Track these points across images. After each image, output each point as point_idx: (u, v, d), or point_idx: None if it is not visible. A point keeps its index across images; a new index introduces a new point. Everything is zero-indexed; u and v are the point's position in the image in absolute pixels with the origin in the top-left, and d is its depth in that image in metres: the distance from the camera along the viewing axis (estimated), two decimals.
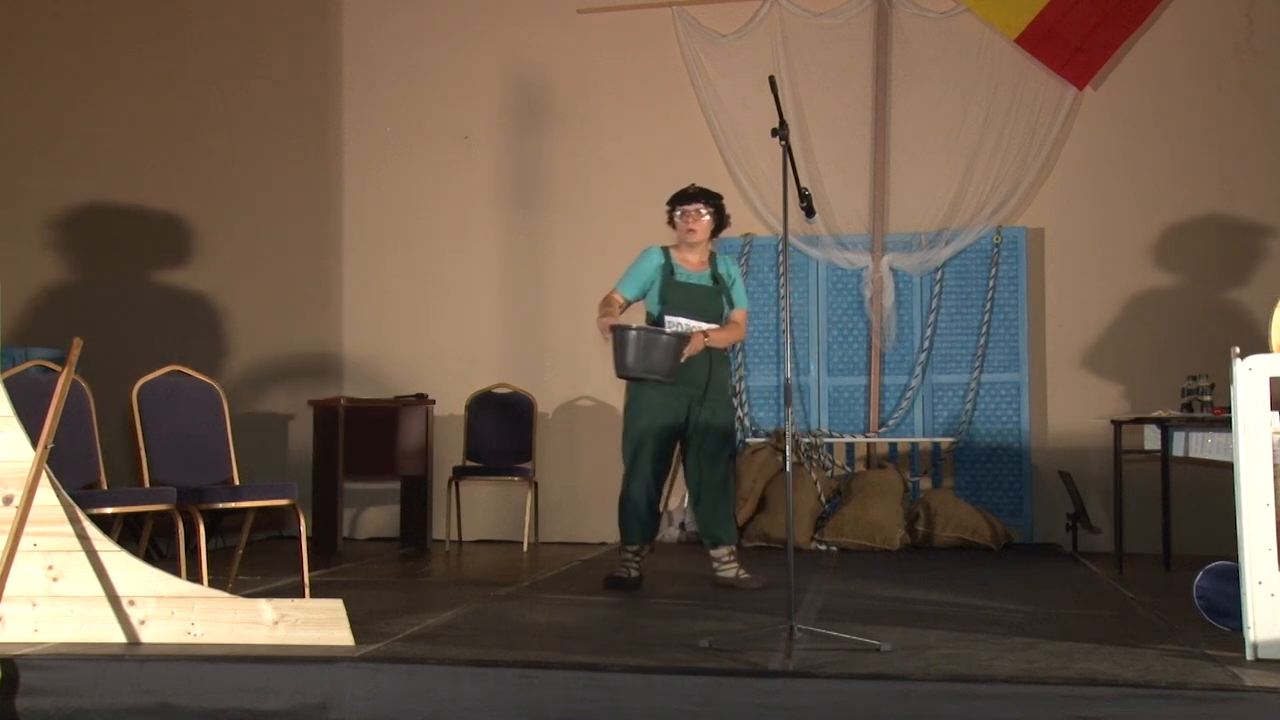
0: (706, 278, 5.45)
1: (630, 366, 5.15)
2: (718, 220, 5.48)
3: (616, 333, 5.15)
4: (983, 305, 7.36)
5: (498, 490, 7.69)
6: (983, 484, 7.32)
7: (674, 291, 5.41)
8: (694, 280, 5.44)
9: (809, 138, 7.48)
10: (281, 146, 8.12)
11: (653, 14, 7.74)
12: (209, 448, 5.20)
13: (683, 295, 5.40)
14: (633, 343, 5.12)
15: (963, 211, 7.38)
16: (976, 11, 7.35)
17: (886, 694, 3.41)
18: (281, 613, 3.96)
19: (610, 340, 5.18)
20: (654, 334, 5.17)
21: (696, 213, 5.40)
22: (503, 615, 4.69)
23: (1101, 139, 7.32)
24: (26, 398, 4.23)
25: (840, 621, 4.31)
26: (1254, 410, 3.72)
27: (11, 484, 4.03)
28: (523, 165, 7.93)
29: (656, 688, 3.50)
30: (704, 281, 5.44)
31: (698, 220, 5.40)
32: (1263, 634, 3.67)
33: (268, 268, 8.08)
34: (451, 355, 7.79)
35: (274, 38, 8.20)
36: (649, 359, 5.13)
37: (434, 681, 3.59)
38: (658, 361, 5.13)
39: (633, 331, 5.13)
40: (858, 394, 7.51)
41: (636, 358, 5.12)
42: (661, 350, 5.13)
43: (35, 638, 4.00)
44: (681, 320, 5.34)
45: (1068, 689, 3.35)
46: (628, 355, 5.13)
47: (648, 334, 5.15)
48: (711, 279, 5.45)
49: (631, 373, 5.20)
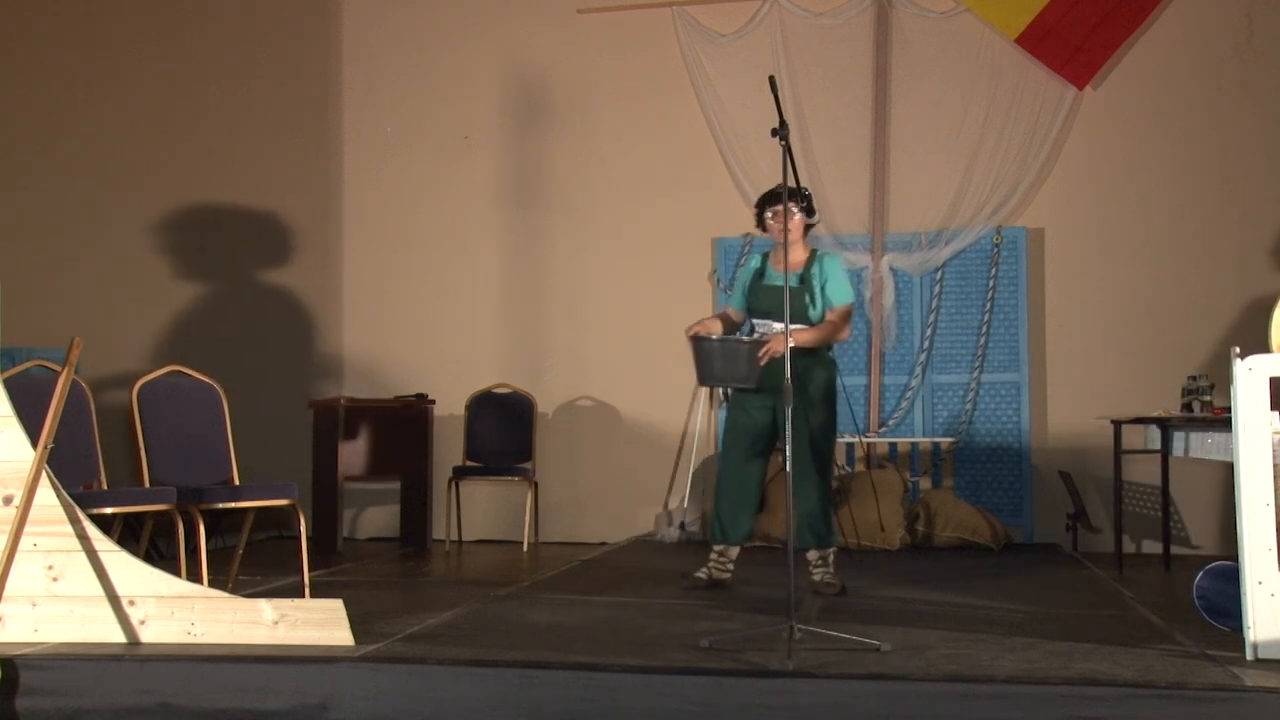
0: (794, 278, 5.25)
1: (712, 375, 5.21)
2: (808, 216, 5.36)
3: (695, 343, 5.19)
4: (983, 305, 7.36)
5: (498, 490, 7.69)
6: (983, 484, 7.32)
7: (757, 295, 5.37)
8: (779, 281, 5.24)
9: (809, 138, 7.48)
10: (281, 146, 8.12)
11: (653, 14, 7.73)
12: (209, 448, 5.20)
13: (765, 297, 5.32)
14: (711, 352, 5.16)
15: (963, 211, 7.38)
16: (976, 11, 7.35)
17: (886, 694, 3.41)
18: (281, 613, 3.96)
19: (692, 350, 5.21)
20: (731, 342, 5.20)
21: (789, 212, 5.19)
22: (503, 615, 4.68)
23: (1101, 139, 7.31)
24: (26, 398, 4.23)
25: (840, 621, 4.31)
26: (1254, 410, 3.72)
27: (11, 484, 4.03)
28: (523, 165, 7.93)
29: (656, 688, 3.49)
30: (790, 282, 5.20)
31: (791, 219, 5.22)
32: (1263, 634, 3.67)
33: (268, 268, 8.07)
34: (451, 355, 7.79)
35: (274, 38, 8.20)
36: (728, 367, 5.15)
37: (434, 681, 3.59)
38: (736, 368, 5.14)
39: (710, 341, 5.17)
40: (858, 394, 7.50)
41: (717, 366, 5.16)
42: (739, 357, 5.14)
43: (35, 638, 4.00)
44: (766, 324, 5.29)
45: (1068, 689, 3.35)
46: (708, 364, 5.17)
47: (724, 342, 5.19)
48: (799, 279, 5.26)
49: (714, 381, 5.28)
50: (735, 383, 5.24)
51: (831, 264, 5.36)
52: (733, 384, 5.27)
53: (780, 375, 5.09)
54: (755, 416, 5.32)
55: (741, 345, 5.18)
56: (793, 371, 5.11)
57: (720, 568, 5.40)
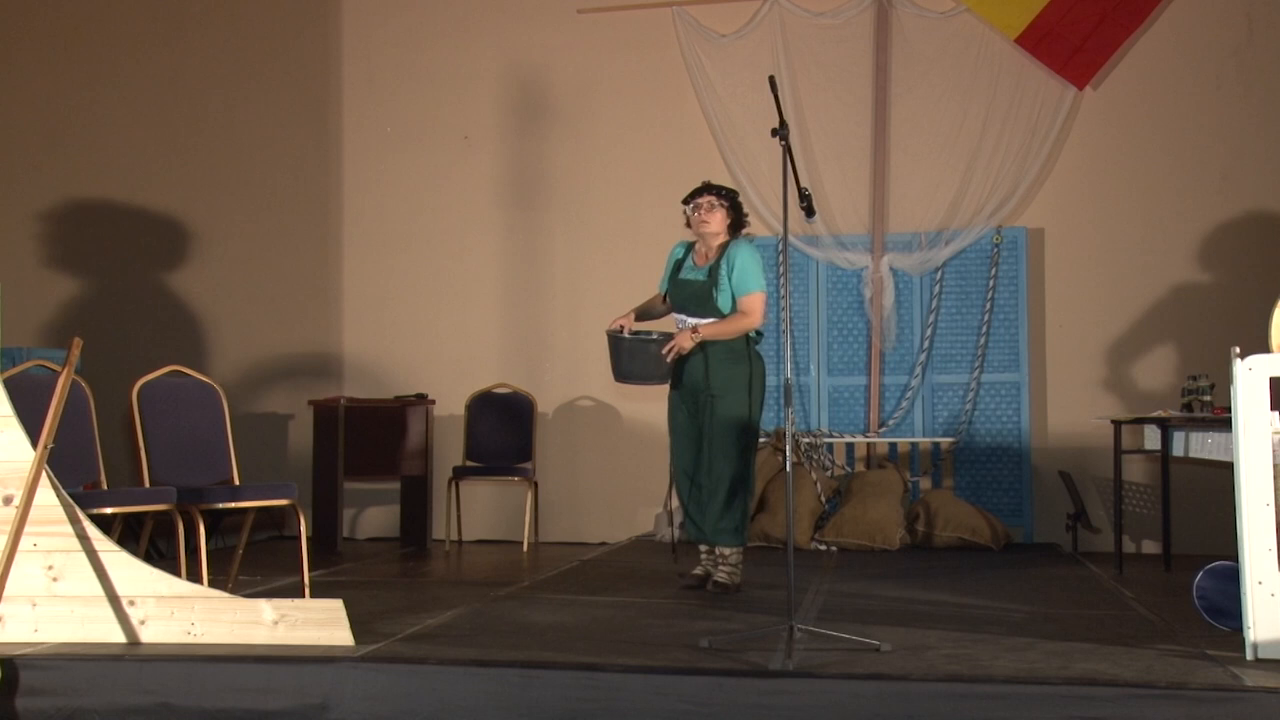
0: (704, 272, 5.27)
1: (622, 372, 5.22)
2: (735, 214, 5.33)
3: (610, 339, 5.21)
4: (983, 305, 7.36)
5: (498, 490, 7.69)
6: (983, 484, 7.32)
7: (675, 288, 5.37)
8: (692, 276, 5.32)
9: (809, 138, 7.48)
10: (281, 146, 8.13)
11: (653, 14, 7.74)
12: (209, 448, 5.20)
13: (678, 291, 5.33)
14: (621, 349, 5.18)
15: (963, 211, 7.38)
16: (976, 11, 7.35)
17: (886, 694, 3.41)
18: (281, 613, 3.96)
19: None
20: (640, 338, 5.19)
21: (709, 205, 5.24)
22: (503, 615, 4.68)
23: (1101, 139, 7.31)
24: (26, 398, 4.23)
25: (840, 621, 4.31)
26: (1254, 410, 3.72)
27: (11, 484, 4.03)
28: (523, 165, 7.93)
29: (656, 688, 3.50)
30: (699, 276, 5.27)
31: (710, 212, 5.24)
32: (1263, 634, 3.67)
33: (268, 268, 8.08)
34: (451, 355, 7.79)
35: (274, 38, 8.20)
36: (637, 363, 5.17)
37: (434, 681, 3.59)
38: (647, 365, 5.15)
39: (622, 338, 5.18)
40: (858, 394, 7.51)
41: (625, 363, 5.18)
42: (648, 354, 5.15)
43: (35, 638, 4.00)
44: (681, 318, 5.30)
45: (1068, 689, 3.35)
46: (618, 361, 5.20)
47: (634, 339, 5.19)
48: (708, 272, 5.25)
49: (626, 379, 5.25)
50: (647, 380, 5.24)
51: (741, 253, 5.21)
52: (645, 381, 5.27)
53: (693, 372, 5.18)
54: (682, 416, 5.32)
55: (650, 343, 5.17)
56: (705, 366, 5.16)
57: (710, 563, 5.41)
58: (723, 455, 5.16)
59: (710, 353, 5.18)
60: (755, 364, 5.25)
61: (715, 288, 5.19)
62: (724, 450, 5.16)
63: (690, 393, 5.25)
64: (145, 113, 8.25)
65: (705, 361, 5.19)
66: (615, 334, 5.19)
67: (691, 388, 5.24)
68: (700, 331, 5.15)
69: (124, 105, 8.27)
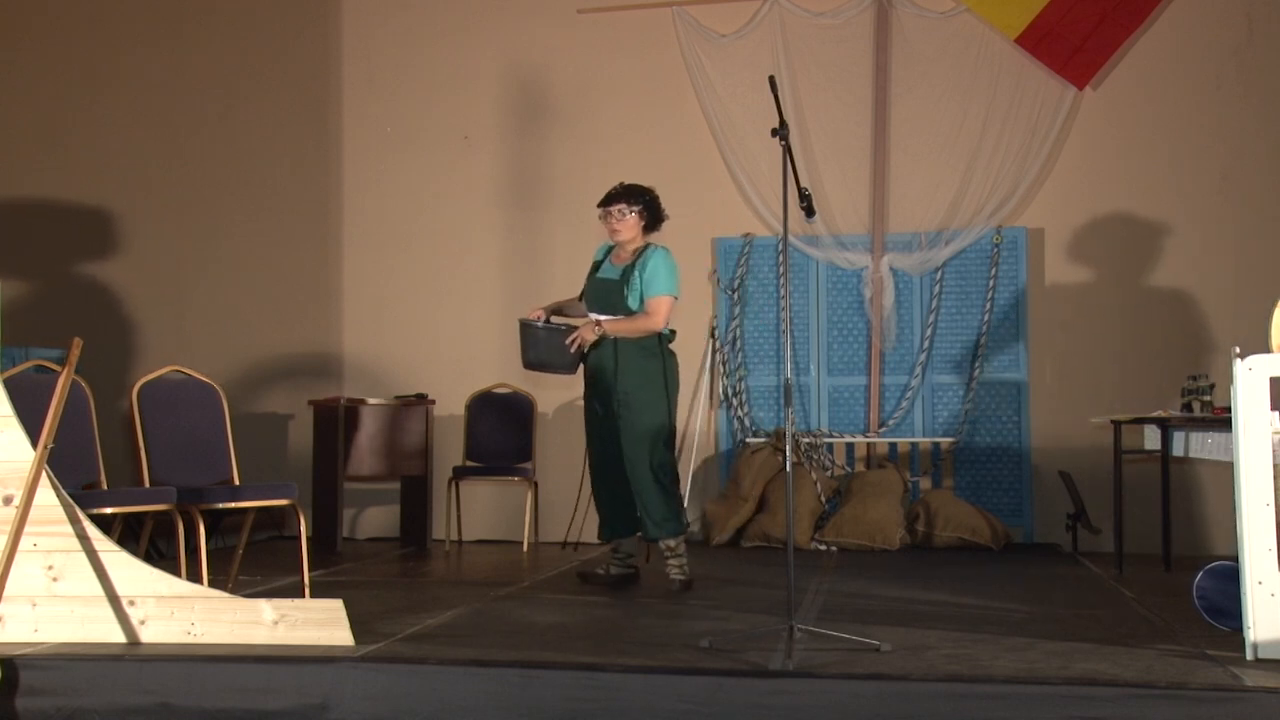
0: (619, 271, 5.39)
1: (530, 360, 5.46)
2: (649, 216, 5.41)
3: (521, 327, 5.44)
4: (983, 305, 7.36)
5: (498, 490, 7.69)
6: (983, 484, 7.32)
7: (589, 286, 5.51)
8: (606, 275, 5.45)
9: (809, 138, 7.48)
10: (281, 146, 8.13)
11: (653, 14, 7.73)
12: (209, 448, 5.20)
13: (592, 290, 5.48)
14: (529, 337, 5.41)
15: (963, 211, 7.38)
16: (976, 11, 7.35)
17: (886, 694, 3.41)
18: (281, 613, 3.97)
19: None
20: (549, 327, 5.40)
21: (619, 213, 5.37)
22: (503, 615, 4.69)
23: (1101, 139, 7.31)
24: (26, 398, 4.24)
25: (840, 621, 4.31)
26: (1254, 410, 3.72)
27: (11, 484, 4.03)
28: (523, 165, 7.93)
29: (656, 688, 3.50)
30: (613, 275, 5.40)
31: (620, 221, 5.38)
32: (1263, 634, 3.67)
33: (268, 268, 8.08)
34: (451, 355, 7.79)
35: (274, 38, 8.20)
36: (545, 352, 5.39)
37: (434, 681, 3.59)
38: (551, 354, 5.37)
39: (534, 327, 5.40)
40: (858, 394, 7.51)
41: (531, 352, 5.43)
42: (553, 344, 5.36)
43: (35, 638, 4.00)
44: (593, 315, 5.40)
45: (1068, 689, 3.36)
46: (526, 349, 5.44)
47: (544, 327, 5.40)
48: (621, 272, 5.38)
49: (531, 366, 5.50)
50: (553, 368, 5.47)
51: (656, 258, 5.34)
52: (548, 369, 5.49)
53: (598, 368, 5.33)
54: (594, 412, 5.45)
55: (556, 332, 5.38)
56: (615, 363, 5.29)
57: (619, 564, 5.49)
58: (645, 451, 5.28)
59: (621, 350, 5.32)
60: (668, 359, 5.40)
61: (626, 287, 5.33)
62: (644, 445, 5.28)
63: (602, 389, 5.38)
64: (145, 113, 8.25)
65: (616, 359, 5.32)
66: (528, 322, 5.43)
67: (603, 384, 5.37)
68: (603, 325, 5.31)
69: (124, 105, 8.27)
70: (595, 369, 5.37)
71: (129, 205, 8.19)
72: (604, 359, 5.32)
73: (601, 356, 5.33)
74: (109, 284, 8.17)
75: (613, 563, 5.50)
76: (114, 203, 8.20)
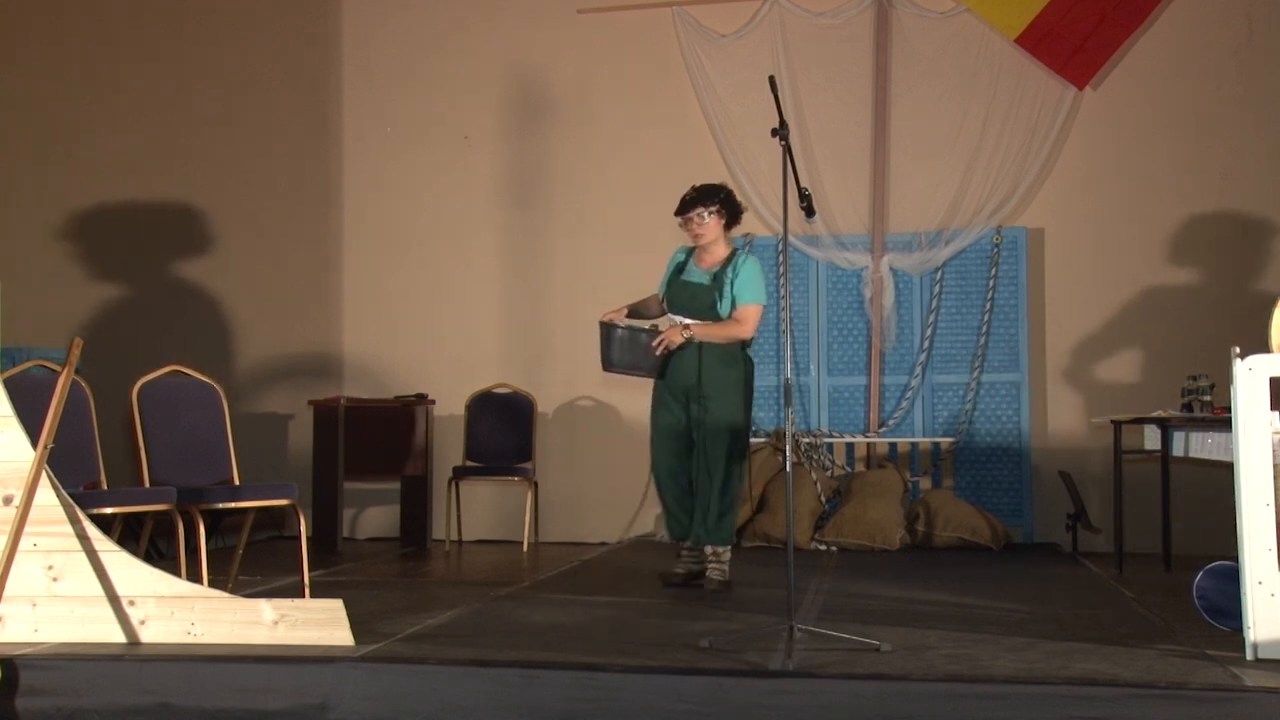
0: (707, 276, 5.38)
1: (612, 362, 5.34)
2: (728, 212, 5.39)
3: (601, 329, 5.33)
4: (983, 305, 7.36)
5: (498, 490, 7.69)
6: (983, 484, 7.32)
7: (674, 290, 5.45)
8: (695, 279, 5.42)
9: (809, 138, 7.48)
10: (282, 147, 8.13)
11: (653, 14, 7.74)
12: (209, 448, 5.20)
13: (679, 293, 5.42)
14: (613, 339, 5.31)
15: (963, 211, 7.38)
16: (976, 11, 7.35)
17: (886, 694, 3.41)
18: (281, 613, 3.96)
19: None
20: (632, 330, 5.32)
21: (699, 218, 5.33)
22: (503, 615, 4.68)
23: (1101, 139, 7.31)
24: (26, 398, 4.23)
25: (840, 621, 4.31)
26: (1254, 410, 3.72)
27: (11, 484, 4.03)
28: (523, 165, 7.93)
29: (656, 688, 3.49)
30: (702, 280, 5.38)
31: (701, 225, 5.34)
32: (1263, 634, 3.67)
33: (268, 268, 8.08)
34: (451, 355, 7.79)
35: (275, 38, 8.20)
36: (628, 354, 5.30)
37: (434, 681, 3.58)
38: (635, 357, 5.29)
39: (616, 329, 5.31)
40: (858, 394, 7.51)
41: (616, 353, 5.31)
42: (637, 346, 5.28)
43: (35, 638, 4.00)
44: (679, 319, 5.36)
45: (1068, 689, 3.35)
46: (609, 351, 5.32)
47: (629, 330, 5.32)
48: (712, 277, 5.36)
49: (614, 368, 5.38)
50: (634, 371, 5.39)
51: (746, 265, 5.35)
52: (632, 372, 5.40)
53: (685, 370, 5.25)
54: (670, 414, 5.39)
55: (642, 334, 5.32)
56: (699, 367, 5.25)
57: (692, 560, 5.43)
58: (718, 457, 5.25)
59: (706, 354, 5.28)
60: (748, 366, 5.37)
61: (719, 293, 5.31)
62: (719, 452, 5.25)
63: (680, 391, 5.33)
64: (145, 113, 8.25)
65: (700, 362, 5.27)
66: (610, 323, 5.34)
67: (682, 386, 5.32)
68: (691, 329, 5.26)
69: (124, 105, 8.27)
70: (676, 372, 5.32)
71: (129, 205, 8.19)
72: (687, 362, 5.27)
73: (684, 359, 5.27)
74: (109, 284, 8.17)
75: (685, 561, 5.45)
76: (114, 202, 8.20)
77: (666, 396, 5.39)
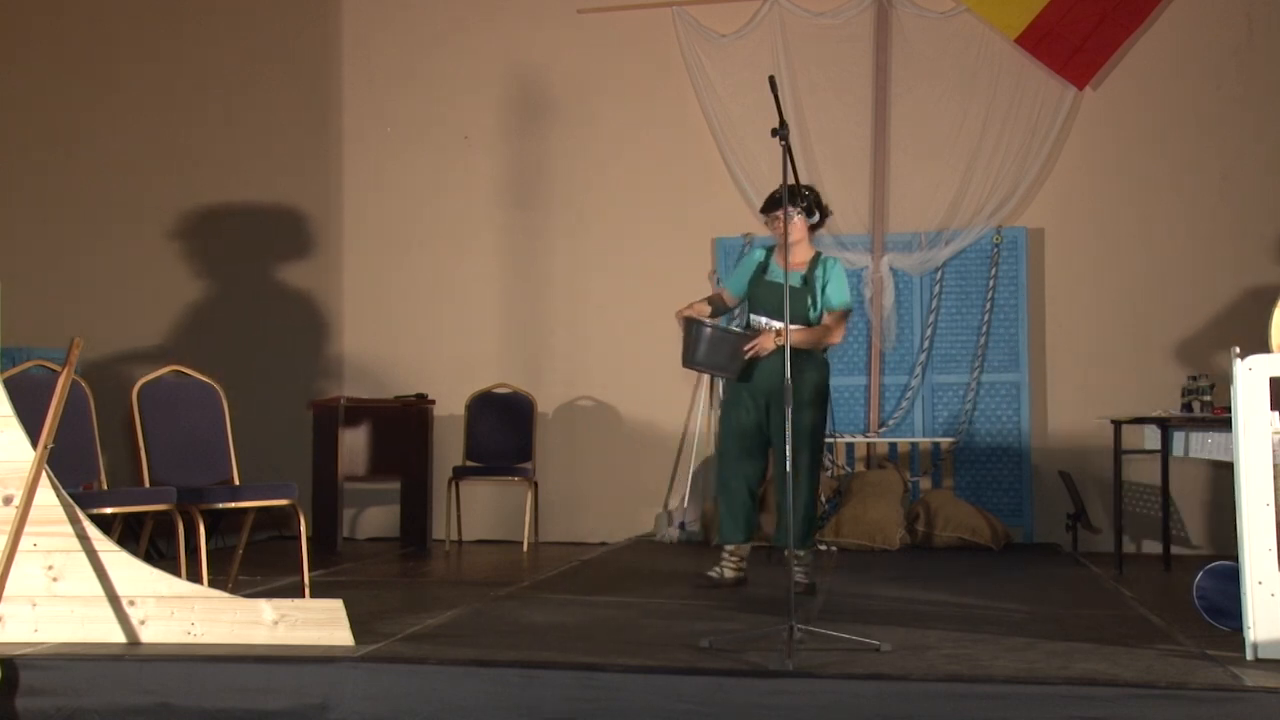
0: (797, 278, 5.30)
1: (697, 360, 5.27)
2: (815, 213, 5.40)
3: (688, 324, 5.26)
4: (983, 305, 7.36)
5: (498, 490, 7.69)
6: (983, 484, 7.32)
7: (759, 290, 5.41)
8: (782, 279, 5.32)
9: (809, 138, 7.48)
10: (282, 147, 8.13)
11: (653, 14, 7.74)
12: (209, 448, 5.20)
13: (768, 294, 5.35)
14: (701, 337, 5.22)
15: (963, 212, 7.38)
16: (976, 11, 7.35)
17: (886, 694, 3.41)
18: (281, 613, 3.96)
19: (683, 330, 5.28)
20: (722, 330, 5.29)
21: (790, 217, 5.23)
22: (503, 615, 4.68)
23: (1101, 139, 7.31)
24: (26, 398, 4.23)
25: (840, 621, 4.31)
26: (1254, 410, 3.72)
27: (11, 484, 4.03)
28: (523, 165, 7.93)
29: (656, 688, 3.49)
30: (792, 282, 5.27)
31: (790, 223, 5.20)
32: (1263, 634, 3.67)
33: (268, 268, 8.08)
34: (451, 355, 7.79)
35: (274, 38, 8.20)
36: (714, 354, 5.23)
37: (434, 681, 3.59)
38: (720, 357, 5.22)
39: (705, 326, 5.24)
40: (858, 394, 7.51)
41: (702, 351, 5.23)
42: (726, 346, 5.22)
43: (35, 638, 4.00)
44: (765, 320, 5.32)
45: (1068, 689, 3.35)
46: (694, 348, 5.24)
47: (719, 330, 5.27)
48: (802, 279, 5.31)
49: (698, 366, 5.34)
50: (717, 371, 5.36)
51: (834, 267, 5.39)
52: (714, 371, 5.39)
53: (772, 374, 5.17)
54: (749, 415, 5.36)
55: (731, 335, 5.28)
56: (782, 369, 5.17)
57: (733, 566, 5.41)
58: (806, 461, 5.25)
59: (795, 358, 5.10)
60: (827, 371, 5.41)
61: (811, 296, 5.30)
62: (805, 458, 5.24)
63: (762, 394, 5.29)
64: (145, 112, 8.24)
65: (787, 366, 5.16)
66: (698, 321, 5.26)
67: (765, 389, 5.27)
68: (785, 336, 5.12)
69: (124, 104, 8.27)
70: (761, 375, 5.26)
71: (129, 205, 8.18)
72: (773, 366, 5.20)
73: (770, 361, 5.21)
74: (109, 284, 8.17)
75: (727, 565, 5.42)
76: (114, 202, 8.20)
77: (745, 398, 5.35)
